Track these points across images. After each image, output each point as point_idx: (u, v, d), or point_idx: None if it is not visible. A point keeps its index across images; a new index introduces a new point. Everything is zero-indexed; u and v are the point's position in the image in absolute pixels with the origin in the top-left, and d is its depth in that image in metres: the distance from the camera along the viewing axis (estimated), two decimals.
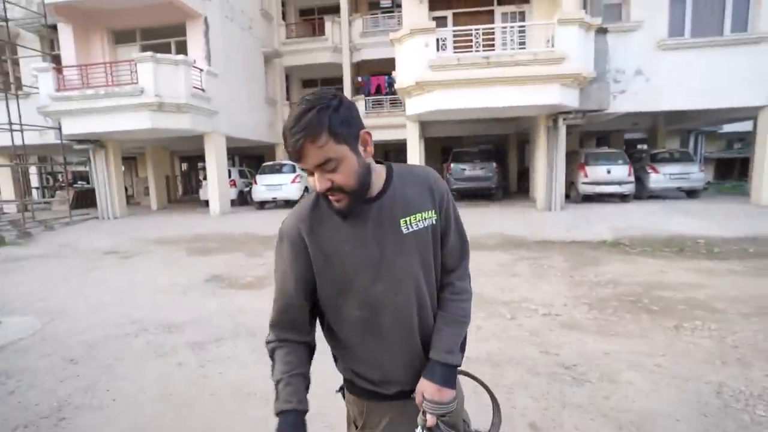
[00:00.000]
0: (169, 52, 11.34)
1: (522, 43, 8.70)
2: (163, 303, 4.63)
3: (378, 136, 16.54)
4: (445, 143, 17.81)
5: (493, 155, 12.15)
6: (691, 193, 11.17)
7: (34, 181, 21.84)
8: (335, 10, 16.97)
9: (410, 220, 0.97)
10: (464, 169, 11.79)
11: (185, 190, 22.58)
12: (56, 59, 12.01)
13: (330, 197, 0.91)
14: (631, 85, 9.32)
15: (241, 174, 15.72)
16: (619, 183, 10.30)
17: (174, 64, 9.77)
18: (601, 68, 9.05)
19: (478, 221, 8.75)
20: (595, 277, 5.06)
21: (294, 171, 12.78)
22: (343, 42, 16.43)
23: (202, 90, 10.79)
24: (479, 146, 13.21)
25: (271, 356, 1.00)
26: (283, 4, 17.43)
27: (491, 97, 8.27)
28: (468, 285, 1.10)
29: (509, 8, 9.95)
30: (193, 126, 10.34)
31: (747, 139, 20.48)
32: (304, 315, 1.00)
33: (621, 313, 3.82)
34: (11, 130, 10.64)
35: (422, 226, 0.99)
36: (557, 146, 9.59)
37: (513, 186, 16.24)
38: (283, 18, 17.47)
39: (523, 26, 8.62)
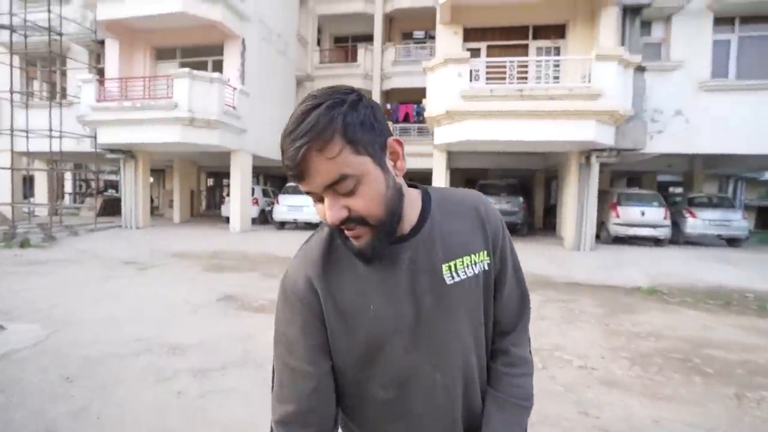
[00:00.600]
0: (206, 69, 11.68)
1: (556, 78, 8.54)
2: (171, 321, 4.45)
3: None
4: (470, 175, 17.60)
5: (519, 190, 11.86)
6: (732, 242, 10.52)
7: (69, 186, 22.68)
8: (369, 38, 17.39)
9: (455, 265, 0.72)
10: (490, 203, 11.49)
11: (209, 205, 22.95)
12: (101, 72, 12.56)
13: (346, 232, 0.65)
14: (670, 126, 8.98)
15: (264, 193, 15.83)
16: (654, 226, 9.80)
17: (209, 82, 10.02)
18: (638, 107, 8.77)
19: None
20: (633, 326, 4.63)
21: None
22: (375, 69, 16.72)
23: (233, 108, 10.99)
24: (506, 180, 12.93)
25: None
26: (319, 31, 18.00)
27: (524, 130, 8.07)
28: (528, 353, 0.84)
29: (544, 43, 9.87)
30: (221, 142, 10.48)
31: None
32: (329, 400, 0.72)
33: (668, 373, 3.40)
34: (50, 137, 11.03)
35: (471, 273, 0.73)
36: (589, 184, 9.22)
37: (538, 222, 15.78)
38: (318, 44, 18.00)
39: (559, 60, 8.47)
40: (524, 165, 13.48)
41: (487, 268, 0.75)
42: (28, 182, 16.88)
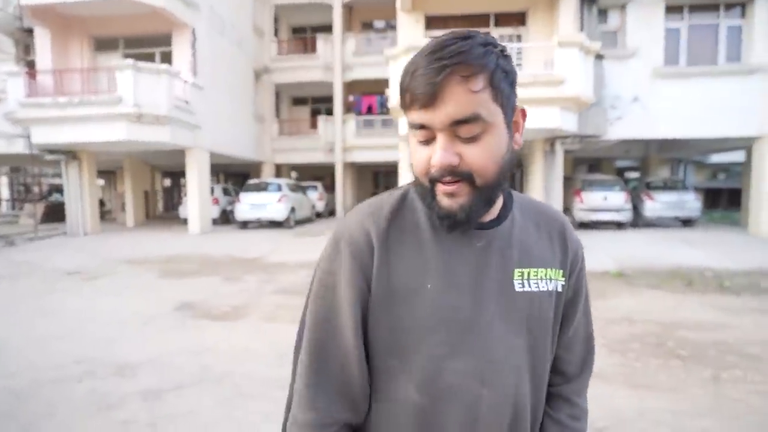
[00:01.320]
0: (154, 61, 10.88)
1: (519, 65, 8.52)
2: (120, 337, 4.01)
3: (368, 156, 16.27)
4: None
5: None
6: (686, 222, 11.01)
7: (5, 192, 20.82)
8: (328, 28, 16.88)
9: (529, 274, 0.64)
10: None
11: (167, 207, 21.78)
12: (31, 64, 11.43)
13: (442, 187, 0.57)
14: (628, 112, 9.20)
15: (225, 192, 15.12)
16: (617, 210, 10.07)
17: (156, 74, 9.30)
18: (598, 94, 8.92)
19: None
20: (607, 312, 4.64)
21: (280, 190, 12.25)
22: (335, 60, 16.27)
23: (186, 102, 10.31)
24: None
25: None
26: (276, 21, 17.29)
27: None
28: (587, 404, 0.75)
29: (506, 30, 9.84)
30: (172, 139, 9.79)
31: (731, 170, 20.86)
32: (364, 380, 0.62)
33: (646, 359, 3.37)
34: None
35: (545, 288, 0.65)
36: (554, 171, 9.34)
37: None
38: (276, 34, 17.30)
39: (522, 47, 8.45)
40: None
41: (560, 289, 0.67)
42: None
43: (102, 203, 19.68)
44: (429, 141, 0.56)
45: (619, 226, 10.41)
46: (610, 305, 4.91)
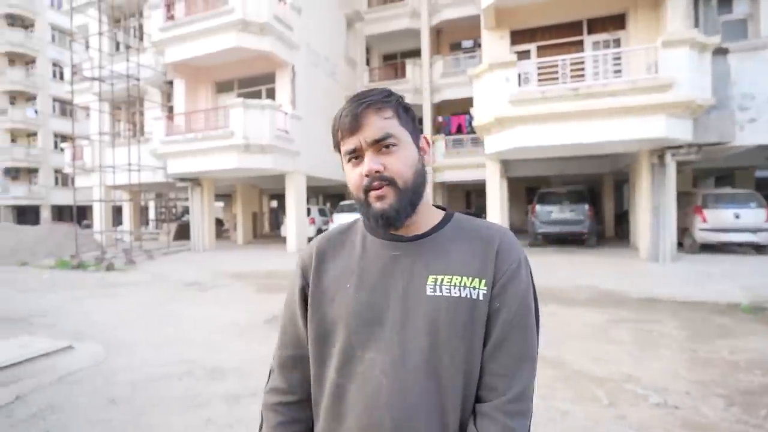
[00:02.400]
0: (260, 98, 12.34)
1: (618, 72, 7.77)
2: (217, 343, 4.52)
3: (459, 176, 16.12)
4: (531, 183, 16.69)
5: (585, 196, 10.88)
6: None
7: (152, 213, 25.10)
8: (417, 53, 17.40)
9: (442, 280, 0.71)
10: (551, 212, 10.70)
11: (272, 226, 24.06)
12: (171, 109, 13.81)
13: (373, 193, 0.72)
14: (765, 113, 7.73)
15: (321, 212, 16.21)
16: (753, 230, 8.41)
17: (261, 109, 10.53)
18: (722, 94, 7.67)
19: (566, 270, 7.67)
20: (730, 354, 3.86)
21: None
22: (423, 83, 16.63)
23: (286, 132, 11.44)
24: (568, 186, 11.99)
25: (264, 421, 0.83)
26: (368, 50, 18.36)
27: (582, 132, 7.40)
28: (522, 425, 0.69)
29: (601, 36, 9.10)
30: (274, 165, 10.91)
31: None
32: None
33: None
34: (130, 170, 12.25)
35: (456, 294, 0.70)
36: (665, 186, 8.20)
37: (609, 231, 14.43)
38: (367, 63, 18.35)
39: (619, 53, 7.71)
40: (589, 169, 12.43)
41: (481, 297, 0.70)
42: (115, 212, 18.86)
43: (221, 223, 22.55)
44: (359, 162, 0.74)
45: (757, 249, 8.67)
46: (735, 346, 4.09)
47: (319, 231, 15.10)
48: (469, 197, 21.48)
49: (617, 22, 8.99)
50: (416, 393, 0.68)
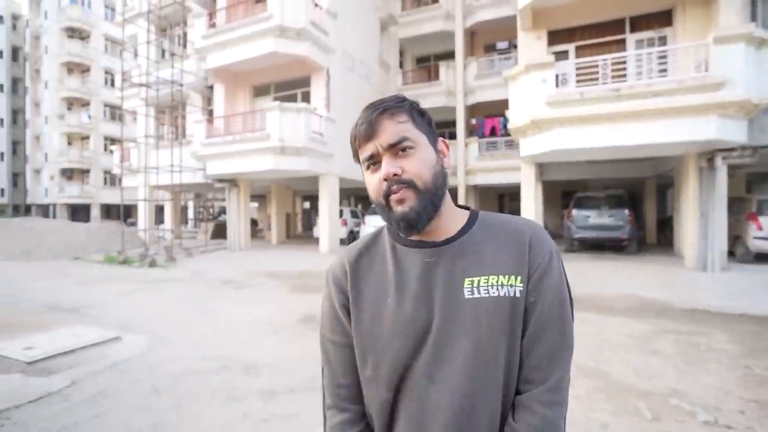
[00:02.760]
0: (296, 101, 12.64)
1: (663, 71, 7.42)
2: (253, 340, 4.66)
3: (491, 179, 15.86)
4: (567, 187, 16.18)
5: (624, 201, 10.43)
6: None
7: (191, 213, 26.16)
8: (451, 55, 17.28)
9: (479, 282, 0.72)
10: (588, 217, 10.32)
11: (304, 227, 24.53)
12: (211, 113, 14.38)
13: (393, 197, 0.72)
14: None
15: (353, 214, 16.36)
16: None
17: (296, 112, 10.78)
18: None
19: (605, 278, 7.37)
20: None
21: None
22: (457, 85, 16.50)
23: (320, 134, 11.64)
24: (607, 191, 11.53)
25: None
26: (401, 53, 18.42)
27: (623, 134, 7.11)
28: (559, 419, 0.70)
29: (646, 35, 8.71)
30: (309, 167, 11.13)
31: None
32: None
33: None
34: (172, 171, 12.84)
35: (495, 294, 0.71)
36: (714, 191, 7.74)
37: (651, 237, 13.76)
38: (401, 66, 18.40)
39: (665, 51, 7.36)
40: (630, 173, 11.91)
41: (518, 294, 0.71)
42: (158, 211, 19.81)
43: (255, 223, 23.20)
44: (378, 168, 0.74)
45: None
46: None
47: (351, 232, 15.25)
48: (502, 200, 21.08)
49: (663, 18, 8.58)
50: (461, 395, 0.70)
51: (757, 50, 6.64)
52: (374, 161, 0.74)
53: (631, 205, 10.59)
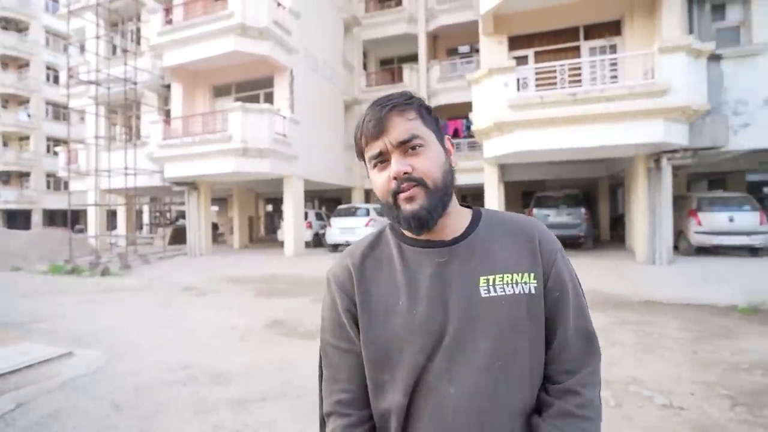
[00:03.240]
0: (258, 102, 12.33)
1: (614, 78, 7.87)
2: (219, 348, 4.48)
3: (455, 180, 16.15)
4: (527, 187, 16.77)
5: (581, 200, 10.98)
6: None
7: (147, 218, 24.89)
8: (414, 58, 17.50)
9: (494, 280, 0.71)
10: (548, 215, 10.78)
11: (267, 231, 23.96)
12: (168, 113, 13.76)
13: (402, 195, 0.71)
14: (757, 117, 7.86)
15: (318, 216, 16.17)
16: (747, 233, 8.53)
17: (259, 113, 10.52)
18: (716, 100, 7.80)
19: None
20: (732, 355, 3.91)
21: (368, 214, 12.74)
22: (420, 88, 16.72)
23: (284, 136, 11.42)
24: (565, 190, 12.09)
25: None
26: (365, 55, 18.44)
27: (580, 136, 7.47)
28: (598, 397, 0.75)
29: (598, 42, 9.21)
30: (272, 169, 10.89)
31: None
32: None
33: None
34: (126, 174, 12.16)
35: (511, 292, 0.71)
36: (661, 190, 8.29)
37: (605, 234, 14.54)
38: (364, 68, 18.42)
39: (616, 58, 7.81)
40: (586, 173, 12.53)
41: (533, 291, 0.72)
42: (110, 216, 18.71)
43: (216, 227, 22.41)
44: (386, 166, 0.72)
45: (752, 252, 8.78)
46: (736, 347, 4.13)
47: (316, 235, 15.05)
48: (465, 201, 21.49)
49: (613, 28, 9.12)
50: (484, 396, 0.69)
51: (696, 60, 7.19)
52: (382, 159, 0.72)
53: (587, 204, 11.15)
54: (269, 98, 12.45)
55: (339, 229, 12.69)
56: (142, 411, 3.02)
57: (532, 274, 0.73)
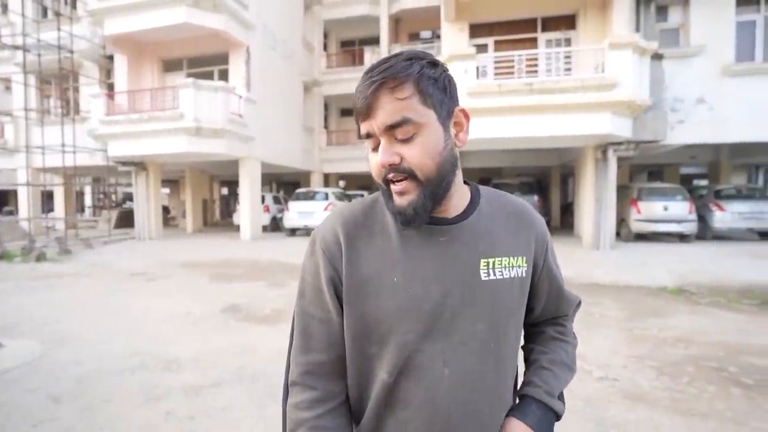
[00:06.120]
0: (212, 79, 11.72)
1: (568, 70, 8.20)
2: (171, 334, 4.32)
3: None
4: (483, 175, 17.26)
5: (534, 188, 11.49)
6: (765, 235, 9.92)
7: (89, 200, 23.20)
8: (376, 41, 17.27)
9: (494, 263, 0.70)
10: None
11: (223, 214, 23.13)
12: (111, 87, 12.76)
13: (392, 187, 0.65)
14: (692, 115, 8.51)
15: (276, 200, 15.80)
16: (679, 221, 9.30)
17: (213, 90, 10.01)
18: (657, 96, 8.35)
19: None
20: (660, 331, 4.29)
21: (327, 199, 12.61)
22: None
23: (240, 116, 10.97)
24: (520, 178, 12.57)
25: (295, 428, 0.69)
26: (325, 35, 17.97)
27: (535, 125, 7.75)
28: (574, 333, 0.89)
29: (554, 35, 9.53)
30: (227, 150, 10.45)
31: None
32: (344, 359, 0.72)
33: (701, 384, 3.07)
34: (63, 152, 11.21)
35: (507, 276, 0.70)
36: (607, 179, 8.82)
37: (556, 221, 15.32)
38: (325, 48, 17.96)
39: (570, 52, 8.13)
40: (539, 162, 13.09)
41: (524, 275, 0.73)
42: (46, 197, 17.27)
43: (167, 210, 21.31)
44: (377, 148, 0.65)
45: (681, 238, 9.61)
46: (663, 324, 4.54)
47: (274, 219, 14.73)
48: None
49: (568, 21, 9.45)
50: (477, 377, 0.69)
51: (641, 58, 7.63)
52: (373, 139, 0.65)
53: (540, 191, 11.67)
54: (224, 75, 11.87)
55: (297, 213, 12.49)
56: (84, 402, 2.86)
57: (524, 258, 0.73)
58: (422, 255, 0.67)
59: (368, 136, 0.64)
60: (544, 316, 0.85)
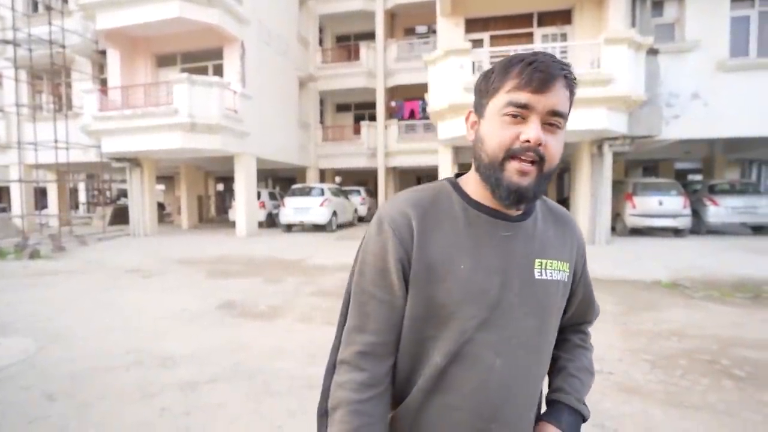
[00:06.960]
0: (207, 74, 11.62)
1: None
2: (167, 331, 4.30)
3: (410, 161, 16.31)
4: None
5: None
6: (758, 229, 10.00)
7: (83, 196, 23.04)
8: (371, 36, 17.17)
9: (546, 264, 0.74)
10: None
11: (218, 210, 23.03)
12: (104, 82, 12.62)
13: (522, 164, 0.66)
14: (687, 110, 8.54)
15: (271, 196, 15.75)
16: (673, 216, 9.37)
17: (208, 86, 9.93)
18: (652, 92, 8.37)
19: None
20: (654, 325, 4.32)
21: (323, 194, 12.58)
22: (378, 67, 16.50)
23: (235, 111, 10.90)
24: None
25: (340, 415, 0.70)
26: (321, 30, 17.85)
27: None
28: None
29: (550, 30, 9.50)
30: (223, 146, 10.39)
31: None
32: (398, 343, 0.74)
33: (695, 377, 3.10)
34: (56, 148, 11.10)
35: (555, 278, 0.75)
36: (602, 175, 8.85)
37: None
38: (320, 43, 17.85)
39: (566, 47, 8.12)
40: None
41: (566, 280, 0.78)
42: (38, 194, 17.11)
43: (162, 207, 21.19)
44: (518, 121, 0.66)
45: (676, 233, 9.68)
46: (658, 318, 4.57)
47: (269, 215, 14.68)
48: (420, 183, 21.77)
49: (564, 17, 9.43)
50: (522, 372, 0.73)
51: (636, 53, 7.63)
52: (520, 113, 0.66)
53: None
54: (219, 71, 11.78)
55: (293, 209, 12.46)
56: (79, 399, 2.85)
57: (568, 264, 0.78)
58: (488, 246, 0.71)
59: (523, 106, 0.65)
60: (571, 322, 0.89)
